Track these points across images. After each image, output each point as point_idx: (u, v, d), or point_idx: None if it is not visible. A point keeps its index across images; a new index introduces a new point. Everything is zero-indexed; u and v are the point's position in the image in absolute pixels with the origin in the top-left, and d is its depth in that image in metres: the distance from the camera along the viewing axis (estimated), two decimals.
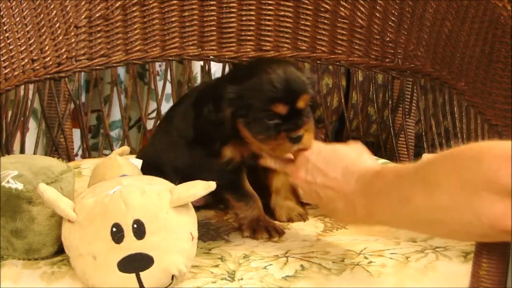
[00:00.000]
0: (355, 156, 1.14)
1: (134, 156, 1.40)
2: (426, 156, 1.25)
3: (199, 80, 2.04)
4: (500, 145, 0.91)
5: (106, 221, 1.06)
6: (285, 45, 1.60)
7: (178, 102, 1.43)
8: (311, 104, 1.21)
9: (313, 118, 1.22)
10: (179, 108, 1.36)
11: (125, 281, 1.04)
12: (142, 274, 1.04)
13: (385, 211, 1.05)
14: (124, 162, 1.25)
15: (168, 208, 1.08)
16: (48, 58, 1.48)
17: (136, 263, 1.04)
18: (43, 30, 1.46)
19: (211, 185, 1.09)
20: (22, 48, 1.43)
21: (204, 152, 1.24)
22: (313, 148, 1.18)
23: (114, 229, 1.05)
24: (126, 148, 1.39)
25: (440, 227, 0.97)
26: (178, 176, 1.13)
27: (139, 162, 1.30)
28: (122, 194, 1.07)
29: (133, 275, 1.04)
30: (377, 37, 1.55)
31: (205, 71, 1.68)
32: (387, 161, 1.41)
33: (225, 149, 1.24)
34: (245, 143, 1.24)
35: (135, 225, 1.05)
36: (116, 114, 1.95)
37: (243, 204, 1.26)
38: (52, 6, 1.47)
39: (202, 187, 1.09)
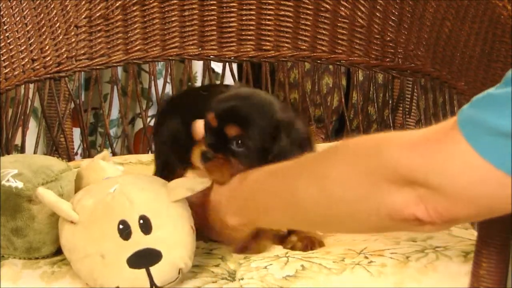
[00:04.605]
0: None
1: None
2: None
3: (199, 80, 2.03)
4: (399, 135, 0.90)
5: (111, 219, 1.06)
6: (285, 44, 1.60)
7: None
8: (249, 147, 1.07)
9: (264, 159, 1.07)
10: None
11: (135, 277, 1.05)
12: (151, 269, 1.05)
13: (266, 213, 1.02)
14: (107, 165, 1.25)
15: (168, 203, 1.09)
16: (48, 58, 1.48)
17: (145, 259, 1.05)
18: (43, 29, 1.46)
19: (206, 182, 1.10)
20: (22, 48, 1.43)
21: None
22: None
23: (121, 226, 1.05)
24: (106, 153, 1.36)
25: (343, 220, 0.96)
26: None
27: (120, 168, 1.30)
28: (124, 192, 1.08)
29: (143, 271, 1.04)
30: (377, 36, 1.55)
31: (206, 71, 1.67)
32: None
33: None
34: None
35: (141, 221, 1.06)
36: (113, 113, 1.95)
37: None
38: (52, 6, 1.47)
39: (199, 182, 1.10)
